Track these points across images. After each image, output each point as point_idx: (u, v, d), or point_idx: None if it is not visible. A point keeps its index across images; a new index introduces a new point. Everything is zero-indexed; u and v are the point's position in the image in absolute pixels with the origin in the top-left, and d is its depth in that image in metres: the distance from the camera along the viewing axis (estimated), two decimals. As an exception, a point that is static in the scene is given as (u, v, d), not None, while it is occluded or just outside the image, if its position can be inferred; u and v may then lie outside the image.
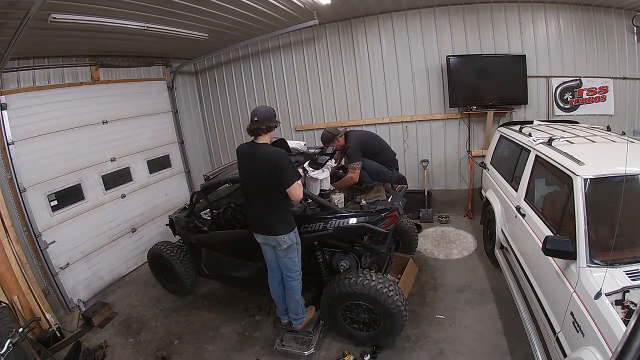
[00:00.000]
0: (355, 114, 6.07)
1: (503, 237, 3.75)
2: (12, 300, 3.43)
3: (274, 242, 2.88)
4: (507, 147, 4.23)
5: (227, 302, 4.22)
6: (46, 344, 3.51)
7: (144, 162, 5.62)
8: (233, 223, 3.66)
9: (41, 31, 3.31)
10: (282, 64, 6.25)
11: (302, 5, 4.41)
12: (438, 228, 5.50)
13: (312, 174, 3.44)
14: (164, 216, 5.57)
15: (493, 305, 3.60)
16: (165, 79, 6.19)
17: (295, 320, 3.21)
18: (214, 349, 3.50)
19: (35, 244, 4.02)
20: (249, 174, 2.88)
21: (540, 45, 5.24)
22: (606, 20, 5.11)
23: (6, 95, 3.87)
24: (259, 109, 2.76)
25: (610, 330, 1.75)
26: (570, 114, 5.32)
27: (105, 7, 3.24)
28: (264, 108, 2.80)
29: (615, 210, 2.16)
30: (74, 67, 4.61)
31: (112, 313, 4.26)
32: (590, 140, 3.17)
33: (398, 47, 5.63)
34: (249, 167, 2.85)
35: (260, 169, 2.72)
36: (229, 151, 7.15)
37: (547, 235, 2.39)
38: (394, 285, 3.05)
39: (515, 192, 3.56)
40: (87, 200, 4.67)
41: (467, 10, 5.28)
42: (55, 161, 4.31)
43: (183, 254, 4.22)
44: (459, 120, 5.70)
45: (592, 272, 2.08)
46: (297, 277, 3.04)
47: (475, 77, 5.30)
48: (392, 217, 3.10)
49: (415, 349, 3.16)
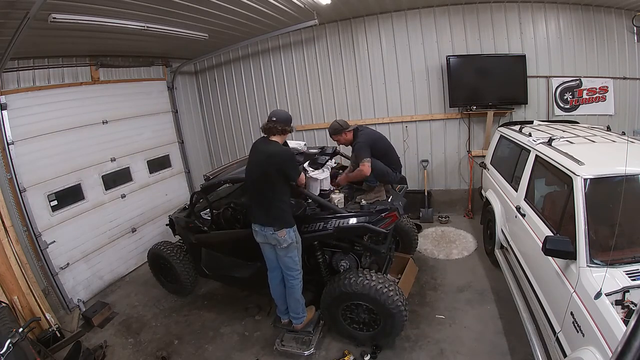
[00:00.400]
0: (355, 114, 6.07)
1: (503, 237, 3.75)
2: (12, 300, 3.43)
3: (274, 240, 2.89)
4: (507, 147, 4.23)
5: (227, 302, 4.22)
6: (46, 344, 3.51)
7: (144, 162, 5.62)
8: (233, 223, 3.66)
9: (41, 31, 3.31)
10: (282, 64, 6.25)
11: (302, 5, 4.41)
12: (438, 228, 5.50)
13: (312, 174, 3.44)
14: (164, 216, 5.57)
15: (493, 305, 3.60)
16: (165, 79, 6.19)
17: (295, 319, 3.21)
18: (214, 349, 3.50)
19: (35, 244, 4.02)
20: (257, 166, 2.90)
21: (540, 45, 5.24)
22: (606, 20, 5.11)
23: (6, 95, 3.87)
24: (279, 112, 2.96)
25: (610, 330, 1.75)
26: (570, 114, 5.32)
27: (105, 7, 3.24)
28: (283, 112, 3.00)
29: (615, 210, 2.16)
30: (74, 67, 4.61)
31: (112, 313, 4.26)
32: (590, 140, 3.17)
33: (398, 47, 5.63)
34: (258, 158, 2.91)
35: (269, 163, 2.80)
36: (229, 151, 7.16)
37: (547, 235, 2.39)
38: (394, 285, 3.05)
39: (515, 192, 3.56)
40: (87, 200, 4.68)
41: (467, 10, 5.28)
42: (55, 161, 4.31)
43: (183, 254, 4.22)
44: (459, 120, 5.70)
45: (592, 272, 2.08)
46: (297, 276, 3.06)
47: (475, 77, 5.30)
48: (392, 217, 3.10)
49: (415, 349, 3.16)
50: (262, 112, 6.61)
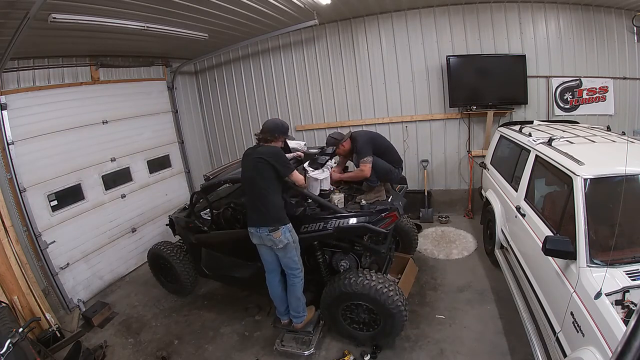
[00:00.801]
0: (355, 114, 6.07)
1: (503, 237, 3.75)
2: (12, 300, 3.43)
3: (270, 242, 2.89)
4: (507, 147, 4.23)
5: (227, 302, 4.22)
6: (46, 344, 3.51)
7: (144, 162, 5.62)
8: (233, 223, 3.66)
9: (41, 31, 3.31)
10: (282, 64, 6.25)
11: (302, 5, 4.41)
12: (438, 228, 5.50)
13: (312, 174, 3.43)
14: (164, 216, 5.57)
15: (493, 305, 3.60)
16: (165, 79, 6.19)
17: (295, 318, 3.22)
18: (214, 349, 3.50)
19: (35, 244, 4.02)
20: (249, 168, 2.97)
21: (540, 45, 5.24)
22: (606, 20, 5.11)
23: (6, 95, 3.87)
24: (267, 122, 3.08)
25: (610, 330, 1.75)
26: (570, 114, 5.32)
27: (105, 7, 3.24)
28: (272, 122, 3.09)
29: (615, 210, 2.16)
30: (74, 67, 4.62)
31: (112, 313, 4.26)
32: (590, 140, 3.17)
33: (398, 47, 5.63)
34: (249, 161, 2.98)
35: (258, 160, 2.88)
36: (228, 151, 7.16)
37: (547, 235, 2.39)
38: (394, 285, 3.05)
39: (515, 192, 3.56)
40: (87, 200, 4.68)
41: (467, 10, 5.28)
42: (55, 161, 4.31)
43: (183, 254, 4.22)
44: (459, 120, 5.70)
45: (592, 272, 2.08)
46: (299, 274, 3.07)
47: (475, 77, 5.30)
48: (392, 217, 3.10)
49: (415, 349, 3.16)
50: (262, 112, 6.62)
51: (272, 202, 2.87)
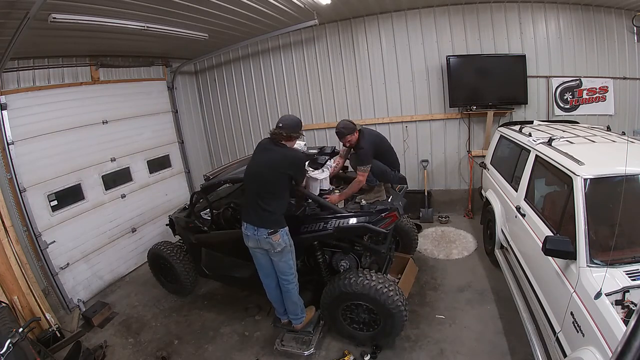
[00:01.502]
0: (355, 114, 6.07)
1: (503, 237, 3.75)
2: (12, 300, 3.43)
3: (267, 245, 2.84)
4: (507, 147, 4.23)
5: (227, 302, 4.22)
6: (46, 344, 3.50)
7: (144, 162, 5.62)
8: (233, 223, 3.66)
9: (41, 31, 3.31)
10: (282, 64, 6.25)
11: (302, 5, 4.41)
12: (438, 228, 5.50)
13: (312, 174, 3.43)
14: (164, 216, 5.57)
15: (493, 305, 3.60)
16: (165, 79, 6.19)
17: (295, 320, 3.21)
18: (214, 349, 3.50)
19: (35, 244, 4.02)
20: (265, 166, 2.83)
21: (540, 45, 5.24)
22: (606, 20, 5.11)
23: (6, 95, 3.86)
24: (287, 118, 2.92)
25: (610, 330, 1.75)
26: (570, 114, 5.32)
27: (105, 7, 3.24)
28: (292, 119, 2.93)
29: (615, 210, 2.16)
30: (74, 67, 4.61)
31: (112, 313, 4.26)
32: (590, 140, 3.17)
33: (398, 47, 5.63)
34: (269, 158, 2.83)
35: (282, 164, 2.79)
36: (229, 151, 7.16)
37: (547, 235, 2.39)
38: (394, 285, 3.05)
39: (515, 192, 3.56)
40: (87, 200, 4.67)
41: (467, 10, 5.28)
42: (55, 161, 4.31)
43: (183, 254, 4.22)
44: (459, 120, 5.70)
45: (592, 272, 2.08)
46: (293, 280, 3.03)
47: (475, 77, 5.30)
48: (392, 217, 3.10)
49: (415, 349, 3.16)
50: (262, 112, 6.62)
51: (277, 205, 2.83)
